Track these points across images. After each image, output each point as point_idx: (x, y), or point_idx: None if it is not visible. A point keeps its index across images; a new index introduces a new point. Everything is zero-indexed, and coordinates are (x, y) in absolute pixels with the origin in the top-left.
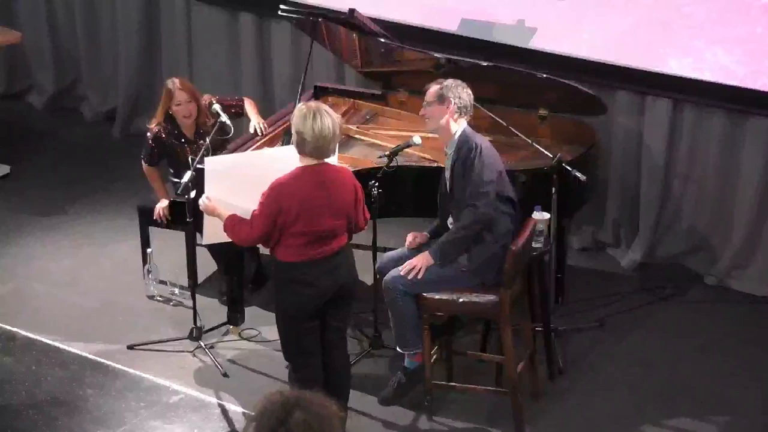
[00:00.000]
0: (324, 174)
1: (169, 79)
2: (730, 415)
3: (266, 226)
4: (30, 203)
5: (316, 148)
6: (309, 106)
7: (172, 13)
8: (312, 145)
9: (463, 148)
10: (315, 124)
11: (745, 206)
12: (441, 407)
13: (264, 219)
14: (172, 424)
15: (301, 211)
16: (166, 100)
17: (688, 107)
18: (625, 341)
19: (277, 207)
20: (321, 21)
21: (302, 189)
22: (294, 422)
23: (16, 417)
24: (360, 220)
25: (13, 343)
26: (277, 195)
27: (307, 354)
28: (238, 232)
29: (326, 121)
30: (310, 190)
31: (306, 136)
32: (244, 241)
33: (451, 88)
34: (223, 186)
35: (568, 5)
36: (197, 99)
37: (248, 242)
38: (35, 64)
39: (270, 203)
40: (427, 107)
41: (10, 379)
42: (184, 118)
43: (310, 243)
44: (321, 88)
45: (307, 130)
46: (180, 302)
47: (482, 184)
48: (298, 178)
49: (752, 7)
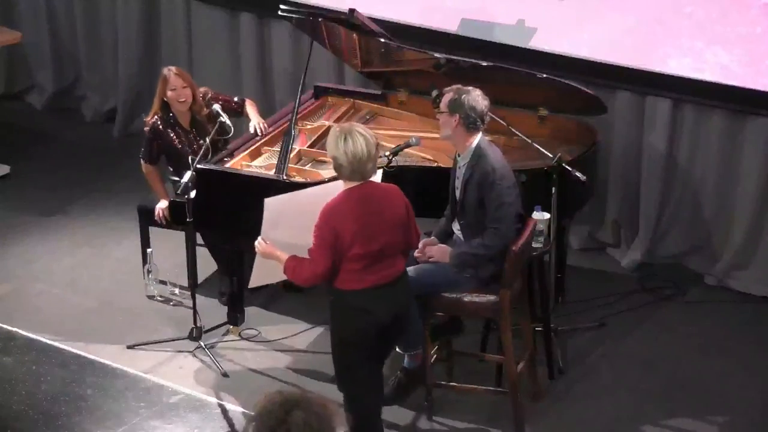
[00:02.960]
0: (372, 192)
1: (164, 68)
2: (730, 415)
3: (328, 258)
4: (30, 203)
5: (354, 171)
6: (342, 128)
7: (172, 13)
8: (349, 169)
9: (478, 167)
10: (347, 147)
11: (745, 206)
12: (441, 407)
13: (324, 250)
14: (172, 424)
15: (356, 231)
16: (162, 87)
17: (688, 107)
18: (625, 341)
19: (332, 233)
20: (321, 21)
21: (353, 209)
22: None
23: (16, 417)
24: (413, 237)
25: (13, 343)
26: (329, 219)
27: (363, 386)
28: (300, 272)
29: (359, 141)
30: (361, 209)
31: (341, 161)
32: (309, 280)
33: (461, 102)
34: (280, 226)
35: (568, 5)
36: (192, 86)
37: (313, 280)
38: (35, 64)
39: (325, 232)
40: (439, 114)
41: (10, 379)
42: (180, 102)
43: (368, 267)
44: (321, 88)
45: (340, 154)
46: (180, 302)
47: (503, 206)
48: (346, 200)
49: (752, 7)
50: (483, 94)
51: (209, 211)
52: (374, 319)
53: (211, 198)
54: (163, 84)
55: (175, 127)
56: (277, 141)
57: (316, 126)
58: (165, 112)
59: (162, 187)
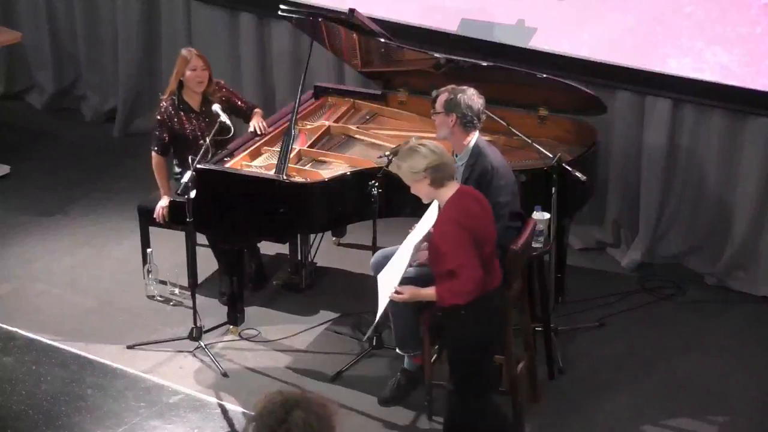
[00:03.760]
0: (465, 190)
1: (183, 49)
2: (730, 415)
3: (476, 258)
4: (30, 203)
5: (448, 171)
6: (410, 145)
7: (172, 13)
8: (444, 170)
9: (477, 165)
10: (430, 153)
11: (745, 206)
12: (441, 407)
13: (470, 254)
14: (172, 424)
15: (481, 226)
16: (181, 67)
17: (688, 107)
18: (625, 341)
19: (469, 234)
20: (321, 21)
21: (472, 206)
22: (293, 421)
23: (16, 417)
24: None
25: (13, 343)
26: (459, 221)
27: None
28: (460, 290)
29: (430, 146)
30: (471, 204)
31: (436, 166)
32: (472, 292)
33: (457, 102)
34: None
35: (568, 5)
36: (210, 69)
37: (476, 290)
38: (35, 64)
39: (462, 237)
40: (434, 115)
41: (10, 379)
42: (198, 83)
43: (489, 265)
44: (321, 88)
45: (431, 161)
46: (180, 302)
47: (497, 206)
48: (460, 199)
49: (752, 7)
50: (478, 93)
51: (209, 211)
52: (500, 318)
53: (211, 198)
54: (182, 63)
55: (187, 111)
56: (277, 141)
57: (316, 126)
58: (177, 93)
59: (167, 182)
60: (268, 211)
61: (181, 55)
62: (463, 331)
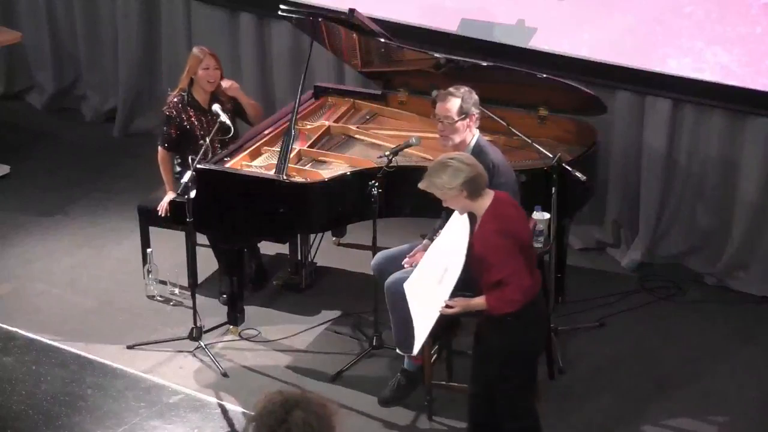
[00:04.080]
0: (500, 195)
1: (195, 47)
2: (730, 414)
3: (522, 265)
4: (30, 203)
5: (484, 178)
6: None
7: (172, 13)
8: (481, 177)
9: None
10: (467, 161)
11: (745, 206)
12: (441, 407)
13: (516, 264)
14: (172, 424)
15: (519, 229)
16: (194, 65)
17: (688, 107)
18: (625, 341)
19: (510, 241)
20: (321, 21)
21: (507, 213)
22: (293, 421)
23: (16, 417)
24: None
25: (13, 343)
26: (501, 232)
27: (533, 400)
28: (510, 297)
29: (461, 156)
30: (509, 210)
31: (473, 175)
32: (521, 300)
33: (469, 100)
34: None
35: (568, 5)
36: (221, 68)
37: (525, 296)
38: (35, 64)
39: (509, 244)
40: (450, 125)
41: (10, 379)
42: (209, 83)
43: (532, 268)
44: (321, 88)
45: (471, 171)
46: (180, 302)
47: None
48: (497, 208)
49: (752, 7)
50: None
51: (209, 211)
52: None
53: (211, 198)
54: (195, 62)
55: (194, 107)
56: (277, 141)
57: (316, 126)
58: (187, 90)
59: (172, 177)
60: (268, 211)
61: (193, 53)
62: (512, 339)
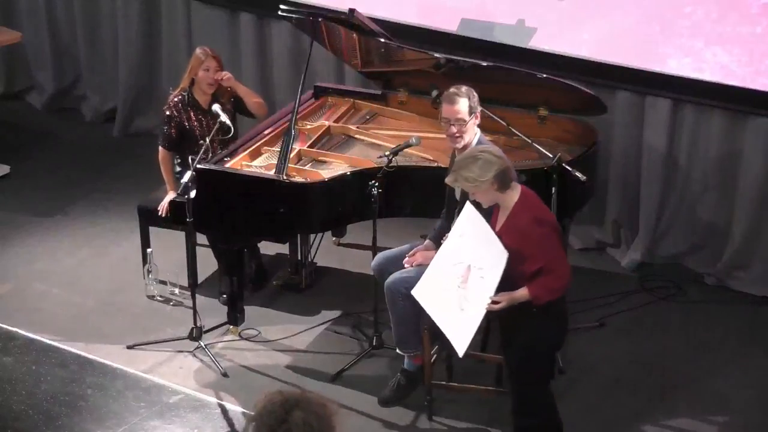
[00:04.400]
0: (525, 187)
1: (198, 48)
2: (730, 414)
3: (562, 251)
4: (30, 203)
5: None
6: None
7: (172, 13)
8: (507, 175)
9: None
10: (495, 154)
11: (745, 206)
12: (441, 407)
13: (556, 250)
14: (172, 424)
15: (551, 217)
16: (195, 66)
17: (688, 107)
18: (625, 341)
19: (547, 228)
20: (321, 21)
21: (537, 203)
22: (293, 421)
23: (16, 417)
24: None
25: (13, 343)
26: (536, 221)
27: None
28: (554, 286)
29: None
30: (537, 199)
31: (503, 168)
32: (565, 286)
33: (473, 97)
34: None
35: (568, 5)
36: (223, 70)
37: (568, 281)
38: (35, 64)
39: (543, 234)
40: (462, 126)
41: (10, 379)
42: (209, 85)
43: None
44: (321, 88)
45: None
46: (180, 302)
47: None
48: (528, 199)
49: (752, 7)
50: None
51: (209, 211)
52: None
53: (211, 198)
54: (196, 63)
55: (195, 107)
56: (277, 141)
57: (316, 126)
58: (188, 90)
59: (173, 177)
60: (268, 211)
61: (195, 54)
62: (539, 330)
